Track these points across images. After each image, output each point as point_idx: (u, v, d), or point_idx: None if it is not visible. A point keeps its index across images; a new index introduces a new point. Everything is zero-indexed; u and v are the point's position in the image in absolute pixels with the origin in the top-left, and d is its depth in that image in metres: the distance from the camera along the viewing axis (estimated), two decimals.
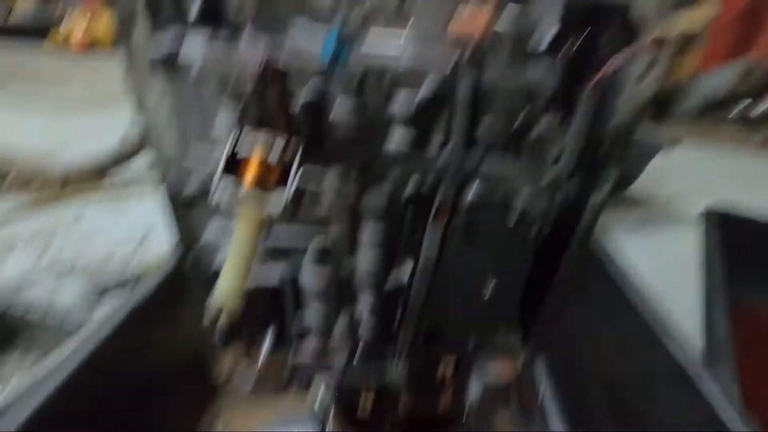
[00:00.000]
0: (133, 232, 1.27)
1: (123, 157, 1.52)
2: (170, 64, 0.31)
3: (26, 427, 0.44)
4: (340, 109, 0.32)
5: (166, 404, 0.68)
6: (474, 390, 0.47)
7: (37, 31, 2.56)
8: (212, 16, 0.30)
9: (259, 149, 0.29)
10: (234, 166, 0.29)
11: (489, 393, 0.47)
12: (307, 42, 0.30)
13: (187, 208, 0.39)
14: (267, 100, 0.31)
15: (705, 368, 0.52)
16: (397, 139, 0.33)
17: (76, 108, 2.24)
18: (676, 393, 0.54)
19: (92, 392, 0.52)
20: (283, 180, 0.29)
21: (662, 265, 1.35)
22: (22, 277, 1.07)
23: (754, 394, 0.85)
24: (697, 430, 0.49)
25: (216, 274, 0.34)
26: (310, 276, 0.40)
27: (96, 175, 1.52)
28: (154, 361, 0.66)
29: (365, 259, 0.39)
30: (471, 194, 0.35)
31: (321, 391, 0.62)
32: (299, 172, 0.29)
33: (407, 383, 0.45)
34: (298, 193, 0.30)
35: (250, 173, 0.28)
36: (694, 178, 1.95)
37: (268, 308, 0.43)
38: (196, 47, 0.30)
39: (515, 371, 0.47)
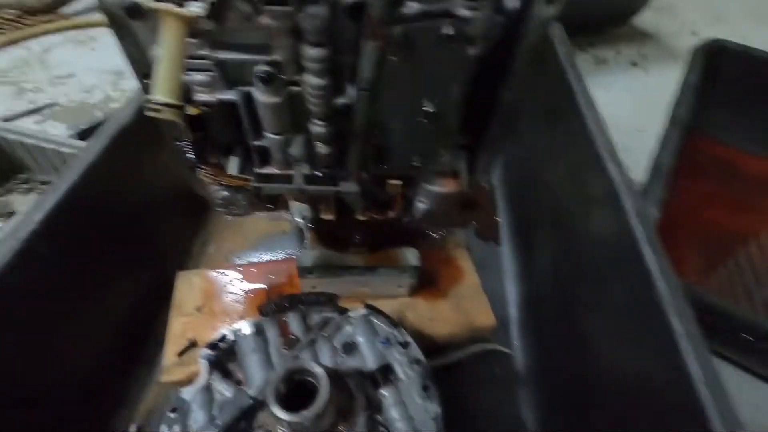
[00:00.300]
0: (107, 67, 1.24)
1: None
2: None
3: (27, 245, 0.51)
4: None
5: (161, 226, 0.77)
6: (421, 206, 0.54)
7: None
8: None
9: None
10: None
11: (436, 208, 0.54)
12: None
13: (129, 27, 0.39)
14: None
15: (634, 191, 0.57)
16: None
17: None
18: (606, 212, 0.60)
19: (85, 216, 0.59)
20: None
21: (647, 105, 1.34)
22: (9, 111, 1.08)
23: (685, 228, 0.94)
24: (616, 243, 0.56)
25: None
26: (260, 97, 0.42)
27: (49, 7, 1.39)
28: (143, 185, 0.73)
29: (310, 82, 0.40)
30: (406, 7, 0.35)
31: (298, 206, 0.70)
32: None
33: (362, 197, 0.51)
34: None
35: None
36: (711, 7, 1.78)
37: (231, 128, 0.46)
38: None
39: (460, 189, 0.53)
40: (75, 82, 1.20)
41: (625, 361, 0.51)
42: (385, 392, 0.50)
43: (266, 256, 0.81)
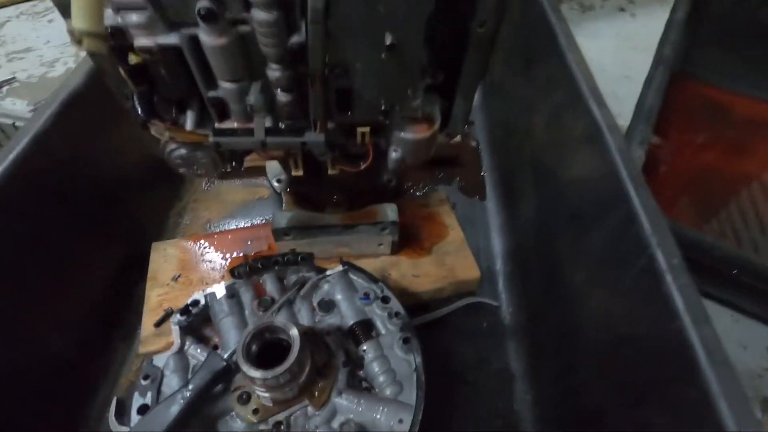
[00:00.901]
0: (68, 39, 1.17)
1: None
2: None
3: None
4: None
5: (133, 197, 0.74)
6: (394, 155, 0.51)
7: None
8: None
9: None
10: None
11: (410, 156, 0.51)
12: None
13: None
14: None
15: (618, 130, 0.55)
16: None
17: None
18: (589, 153, 0.58)
19: (39, 188, 0.56)
20: None
21: (634, 51, 1.30)
22: None
23: (681, 174, 0.91)
24: (600, 184, 0.54)
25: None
26: (206, 39, 0.38)
27: None
28: (109, 155, 0.69)
29: (258, 18, 0.37)
30: None
31: (273, 169, 0.67)
32: None
33: (330, 149, 0.48)
34: None
35: None
36: None
37: (180, 78, 0.42)
38: None
39: (433, 135, 0.50)
40: (34, 56, 1.14)
41: (609, 304, 0.50)
42: (365, 347, 0.48)
43: (244, 224, 0.79)
